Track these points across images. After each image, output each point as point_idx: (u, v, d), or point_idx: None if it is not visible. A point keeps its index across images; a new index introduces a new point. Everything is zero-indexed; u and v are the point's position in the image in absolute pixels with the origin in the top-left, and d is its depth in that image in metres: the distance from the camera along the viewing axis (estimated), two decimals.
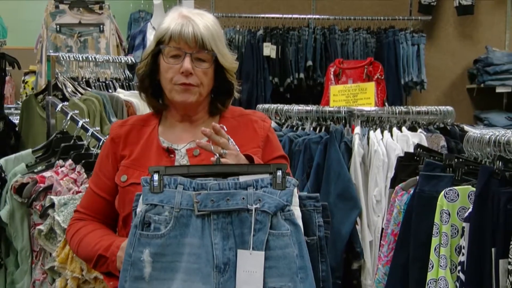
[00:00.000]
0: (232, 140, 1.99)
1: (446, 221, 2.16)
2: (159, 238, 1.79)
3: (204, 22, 2.07)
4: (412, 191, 2.42)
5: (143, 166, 2.09)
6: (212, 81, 2.13)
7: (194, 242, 1.79)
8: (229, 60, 2.14)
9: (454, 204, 2.17)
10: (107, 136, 2.26)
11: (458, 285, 2.11)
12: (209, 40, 2.05)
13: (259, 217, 1.79)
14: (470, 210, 2.11)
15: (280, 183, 1.83)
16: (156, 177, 1.82)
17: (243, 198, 1.80)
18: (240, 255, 1.79)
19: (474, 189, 2.14)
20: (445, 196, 2.17)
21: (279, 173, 1.84)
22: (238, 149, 1.98)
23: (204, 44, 2.05)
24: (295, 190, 1.89)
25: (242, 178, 1.84)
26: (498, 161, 2.18)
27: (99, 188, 2.18)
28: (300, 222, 1.92)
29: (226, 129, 1.97)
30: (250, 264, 1.78)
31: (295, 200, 1.94)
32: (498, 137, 2.29)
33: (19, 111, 4.72)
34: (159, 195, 1.81)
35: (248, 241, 1.79)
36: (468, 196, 2.16)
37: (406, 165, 2.67)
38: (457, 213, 2.17)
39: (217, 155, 1.90)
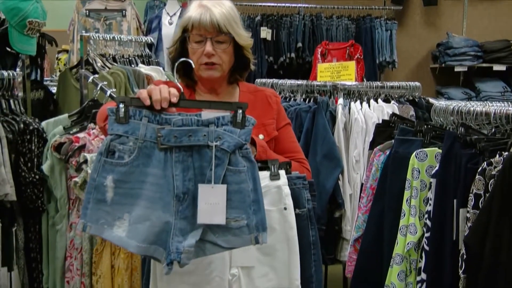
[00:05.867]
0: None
1: (416, 177, 2.17)
2: (122, 166, 1.68)
3: (220, 9, 2.04)
4: (388, 152, 2.43)
5: None
6: (232, 58, 2.11)
7: (157, 173, 1.68)
8: (244, 39, 2.12)
9: (423, 163, 2.18)
10: None
11: (425, 230, 2.12)
12: (225, 24, 2.02)
13: (218, 154, 1.68)
14: (436, 168, 2.12)
15: (240, 122, 1.70)
16: (122, 107, 1.68)
17: (205, 135, 1.69)
18: (201, 188, 1.68)
19: (440, 150, 2.14)
20: (416, 157, 2.18)
21: (240, 112, 1.71)
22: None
23: (220, 28, 2.02)
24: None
25: (204, 115, 1.71)
26: (460, 127, 2.19)
27: None
28: (290, 200, 1.91)
29: None
30: (213, 197, 1.67)
31: (284, 180, 1.92)
32: (460, 107, 2.30)
33: (54, 83, 4.68)
34: (124, 125, 1.69)
35: (206, 173, 1.68)
36: (435, 157, 2.17)
37: (383, 131, 2.66)
38: (426, 171, 2.17)
39: (182, 89, 1.79)
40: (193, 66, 2.03)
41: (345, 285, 3.64)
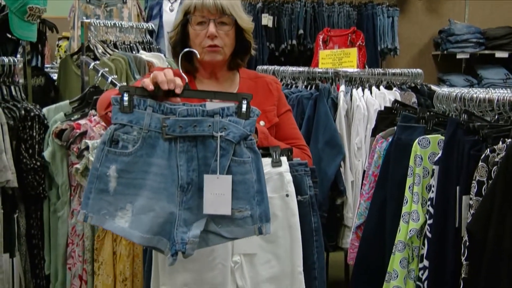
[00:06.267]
0: None
1: (419, 164, 2.16)
2: (126, 156, 1.66)
3: None
4: (390, 139, 2.42)
5: None
6: (234, 42, 2.11)
7: (161, 163, 1.67)
8: (246, 21, 2.12)
9: (426, 150, 2.17)
10: None
11: (427, 217, 2.12)
12: (228, 6, 2.04)
13: (223, 144, 1.67)
14: (439, 155, 2.11)
15: (244, 113, 1.69)
16: (126, 96, 1.66)
17: (210, 126, 1.67)
18: (207, 179, 1.67)
19: (443, 137, 2.13)
20: (418, 143, 2.17)
21: (245, 102, 1.70)
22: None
23: (223, 10, 2.03)
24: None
25: (209, 105, 1.70)
26: (463, 114, 2.17)
27: None
28: (292, 186, 1.91)
29: None
30: (218, 187, 1.66)
31: (285, 166, 1.92)
32: (463, 94, 2.29)
33: (54, 70, 4.66)
34: (128, 115, 1.67)
35: (210, 164, 1.68)
36: (438, 143, 2.16)
37: (385, 117, 2.65)
38: (428, 158, 2.16)
39: (186, 79, 1.78)
40: (198, 56, 2.01)
41: (346, 272, 3.65)
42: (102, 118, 1.99)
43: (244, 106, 1.70)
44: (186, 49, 1.94)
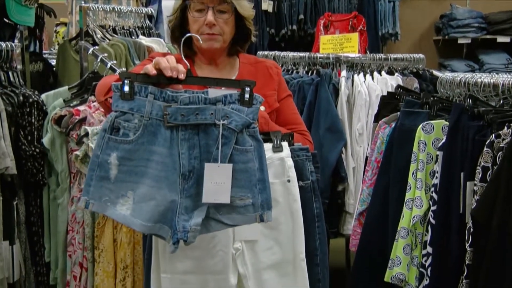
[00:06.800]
0: None
1: (423, 150, 2.14)
2: (127, 144, 1.65)
3: None
4: (393, 125, 2.40)
5: None
6: (234, 29, 2.08)
7: (162, 151, 1.66)
8: (246, 9, 2.08)
9: (430, 135, 2.15)
10: None
11: (431, 203, 2.10)
12: None
13: (225, 133, 1.66)
14: (443, 140, 2.09)
15: (247, 100, 1.68)
16: (127, 83, 1.64)
17: (212, 113, 1.66)
18: (208, 167, 1.66)
19: (447, 123, 2.12)
20: (422, 129, 2.15)
21: (247, 89, 1.68)
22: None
23: None
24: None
25: (212, 93, 1.68)
26: (468, 99, 2.15)
27: None
28: (294, 172, 1.89)
29: None
30: (219, 176, 1.66)
31: (287, 151, 1.90)
32: (467, 79, 2.26)
33: (53, 56, 4.63)
34: (129, 102, 1.65)
35: (212, 152, 1.67)
36: (442, 129, 2.14)
37: (388, 103, 2.63)
38: (432, 143, 2.14)
39: (188, 65, 1.76)
40: (200, 41, 1.98)
41: (348, 258, 3.64)
42: (101, 104, 1.97)
43: (247, 94, 1.68)
44: (187, 35, 1.91)
